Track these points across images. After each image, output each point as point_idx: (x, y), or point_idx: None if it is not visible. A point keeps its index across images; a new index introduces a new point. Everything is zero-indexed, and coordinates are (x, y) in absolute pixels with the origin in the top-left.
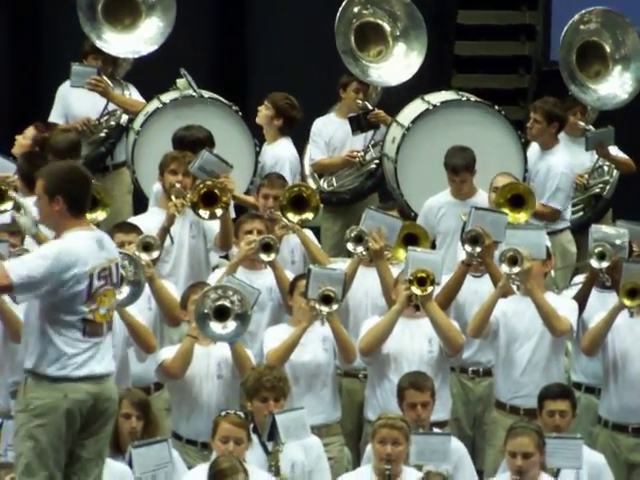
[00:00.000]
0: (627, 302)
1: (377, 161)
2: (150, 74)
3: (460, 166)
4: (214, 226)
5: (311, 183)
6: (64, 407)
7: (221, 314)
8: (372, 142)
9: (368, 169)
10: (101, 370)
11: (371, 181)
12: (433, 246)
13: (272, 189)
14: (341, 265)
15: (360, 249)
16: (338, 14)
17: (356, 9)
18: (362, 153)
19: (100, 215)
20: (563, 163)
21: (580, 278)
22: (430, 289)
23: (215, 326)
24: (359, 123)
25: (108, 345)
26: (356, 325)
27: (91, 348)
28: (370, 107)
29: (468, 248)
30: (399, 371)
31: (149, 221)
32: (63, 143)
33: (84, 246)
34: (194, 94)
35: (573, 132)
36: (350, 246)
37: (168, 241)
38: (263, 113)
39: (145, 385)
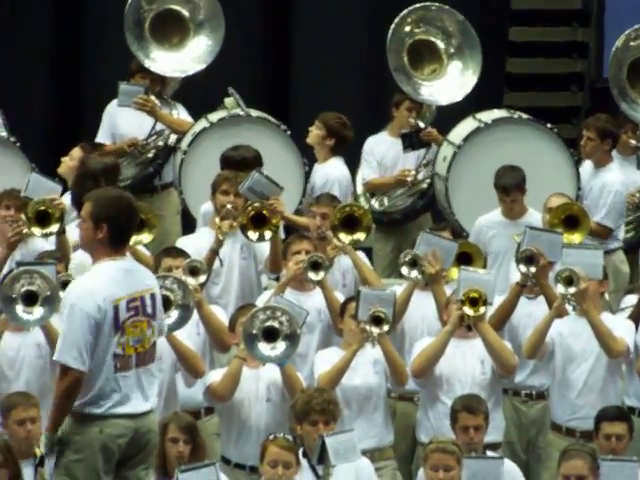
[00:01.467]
0: None
1: (429, 180)
2: (198, 93)
3: (511, 186)
4: (265, 248)
5: (363, 203)
6: (100, 442)
7: (270, 335)
8: (424, 161)
9: (420, 188)
10: (141, 408)
11: (423, 201)
12: (484, 266)
13: (319, 207)
14: (397, 289)
15: (415, 273)
16: (390, 32)
17: (408, 28)
18: (414, 172)
19: (146, 237)
20: (617, 180)
21: (632, 299)
22: (482, 310)
23: (264, 347)
24: (411, 140)
25: (149, 378)
26: (412, 350)
27: (127, 384)
28: (422, 125)
29: (523, 268)
30: (452, 393)
31: (199, 242)
32: (97, 166)
33: (107, 277)
34: (242, 113)
35: (625, 150)
36: (405, 270)
37: (217, 263)
38: (314, 133)
39: (195, 409)
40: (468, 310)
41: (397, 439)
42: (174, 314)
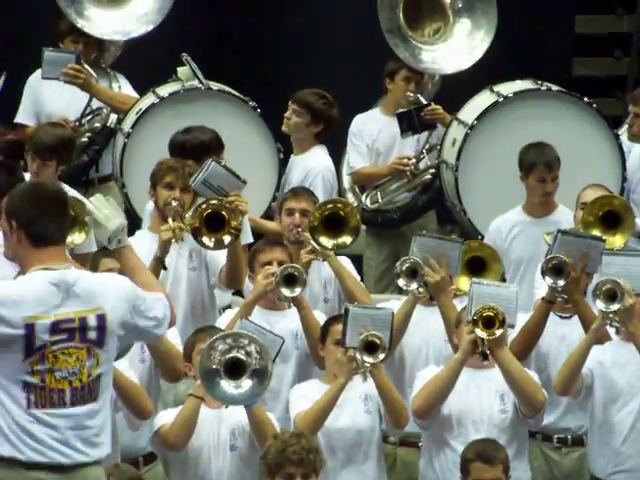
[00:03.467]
0: None
1: (433, 170)
2: (144, 61)
3: (552, 159)
4: (219, 256)
5: (350, 199)
6: None
7: (234, 370)
8: (427, 146)
9: (421, 180)
10: (66, 460)
11: (426, 196)
12: (504, 278)
13: (298, 202)
14: (395, 304)
15: (415, 285)
16: None
17: None
18: (414, 160)
19: (78, 238)
20: None
21: None
22: (499, 332)
23: (226, 385)
24: (410, 121)
25: (92, 420)
26: (414, 382)
27: (52, 424)
28: (424, 101)
29: (549, 280)
30: (463, 437)
31: (137, 247)
32: (47, 141)
33: (30, 290)
34: (200, 86)
35: None
36: (402, 282)
37: (162, 274)
38: (294, 121)
39: (133, 458)
40: (481, 333)
41: None
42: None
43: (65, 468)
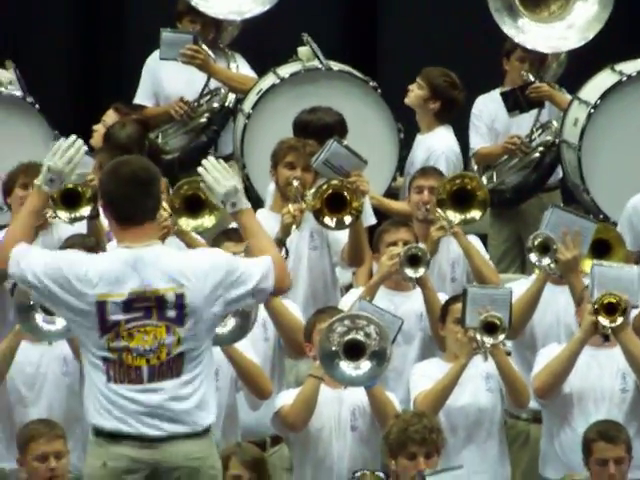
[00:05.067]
0: None
1: (542, 148)
2: (264, 41)
3: None
4: (341, 235)
5: None
6: None
7: (353, 351)
8: (537, 124)
9: (532, 159)
10: (152, 432)
11: (537, 174)
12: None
13: (427, 180)
14: (524, 282)
15: (547, 261)
16: None
17: None
18: (522, 139)
19: (208, 221)
20: None
21: None
22: (621, 320)
23: (346, 366)
24: (516, 100)
25: (183, 395)
26: (535, 360)
27: (134, 399)
28: (532, 79)
29: None
30: (585, 416)
31: None
32: (122, 139)
33: (105, 267)
34: (320, 66)
35: None
36: (534, 257)
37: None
38: (415, 93)
39: (260, 439)
40: (604, 320)
41: (529, 474)
42: (230, 322)
43: (153, 441)
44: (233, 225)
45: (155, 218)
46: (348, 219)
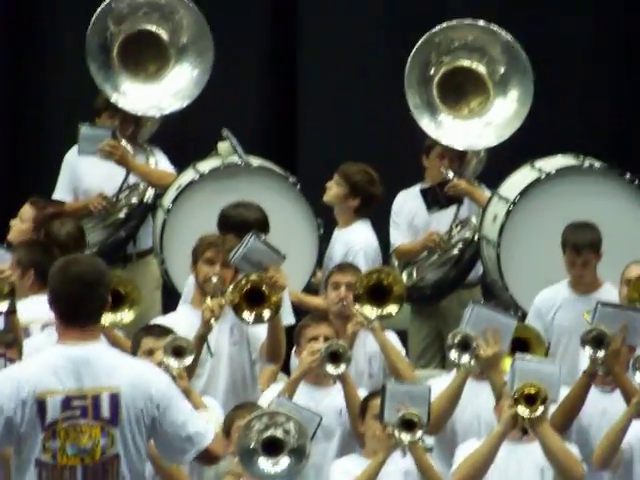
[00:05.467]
0: None
1: (461, 245)
2: (183, 136)
3: (583, 243)
4: (261, 331)
5: None
6: None
7: (271, 448)
8: (457, 221)
9: (451, 255)
10: None
11: (456, 270)
12: (548, 353)
13: (344, 276)
14: (444, 379)
15: (466, 358)
16: (409, 60)
17: (433, 54)
18: (439, 236)
19: (127, 316)
20: None
21: None
22: (541, 410)
23: (264, 463)
24: (434, 197)
25: None
26: (455, 455)
27: None
28: (451, 176)
29: (589, 352)
30: None
31: (178, 323)
32: (62, 237)
33: (42, 364)
34: (240, 162)
35: None
36: (453, 354)
37: (204, 351)
38: (334, 191)
39: None
40: (523, 410)
41: None
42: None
43: None
44: (154, 321)
45: (100, 319)
46: (267, 314)
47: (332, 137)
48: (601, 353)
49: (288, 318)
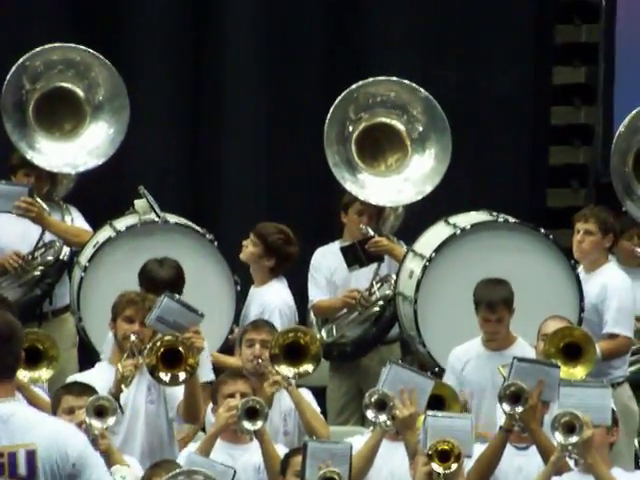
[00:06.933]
0: None
1: (381, 303)
2: (98, 194)
3: (497, 300)
4: (178, 390)
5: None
6: None
7: None
8: (377, 278)
9: (372, 312)
10: None
11: (376, 328)
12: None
13: (259, 333)
14: (360, 438)
15: (383, 418)
16: (328, 117)
17: (352, 110)
18: (361, 293)
19: (45, 373)
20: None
21: None
22: (455, 466)
23: None
24: (355, 254)
25: None
26: None
27: None
28: (371, 233)
29: (506, 407)
30: None
31: (95, 380)
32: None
33: None
34: (156, 219)
35: (629, 260)
36: (370, 414)
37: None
38: (249, 250)
39: None
40: (437, 467)
41: None
42: None
43: None
44: (72, 378)
45: (14, 375)
46: (182, 376)
47: (251, 193)
48: (519, 408)
49: (209, 375)
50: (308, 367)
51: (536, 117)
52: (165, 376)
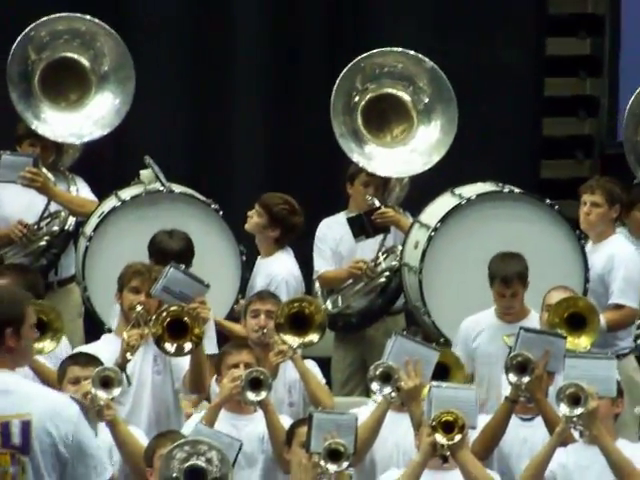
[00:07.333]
0: None
1: (388, 273)
2: (104, 164)
3: (512, 275)
4: (184, 361)
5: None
6: None
7: (194, 477)
8: (383, 249)
9: (377, 283)
10: None
11: (382, 299)
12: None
13: (264, 304)
14: (365, 408)
15: (388, 390)
16: (335, 88)
17: (359, 81)
18: (367, 263)
19: (49, 345)
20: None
21: None
22: (459, 437)
23: None
24: (361, 226)
25: None
26: None
27: None
28: (377, 204)
29: (513, 378)
30: None
31: (101, 352)
32: None
33: None
34: (162, 189)
35: (638, 232)
36: (375, 386)
37: (124, 381)
38: (254, 220)
39: None
40: (441, 438)
41: None
42: None
43: None
44: (79, 349)
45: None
46: (188, 346)
47: (255, 163)
48: (525, 379)
49: (211, 348)
50: (313, 337)
51: (541, 89)
52: (171, 346)
